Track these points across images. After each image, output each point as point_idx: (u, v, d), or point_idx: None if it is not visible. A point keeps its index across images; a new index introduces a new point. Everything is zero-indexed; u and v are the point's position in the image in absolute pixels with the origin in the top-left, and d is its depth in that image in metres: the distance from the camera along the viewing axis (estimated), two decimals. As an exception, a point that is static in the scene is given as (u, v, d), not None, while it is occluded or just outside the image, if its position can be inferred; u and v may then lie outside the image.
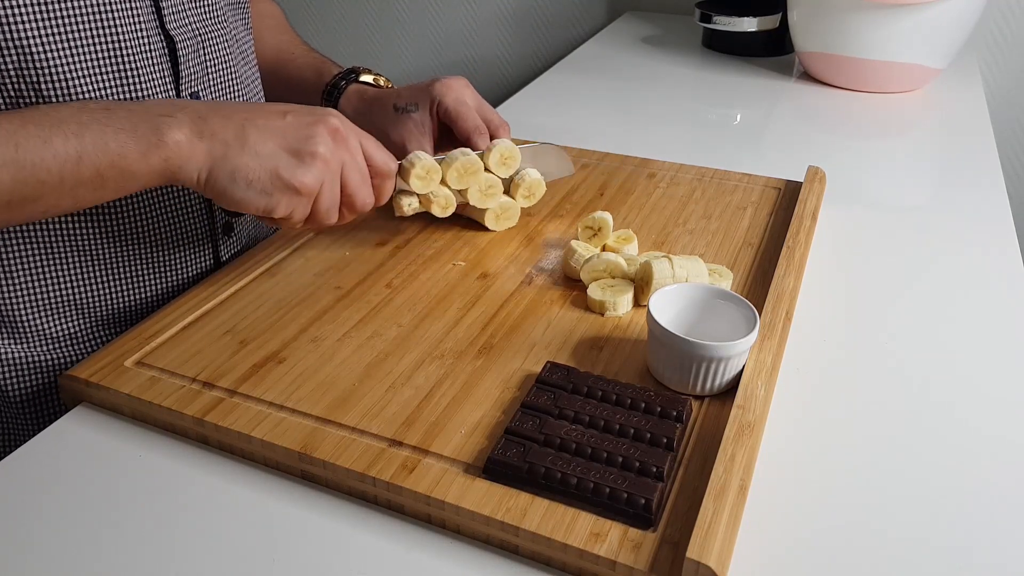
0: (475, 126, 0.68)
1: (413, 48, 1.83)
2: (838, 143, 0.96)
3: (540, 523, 0.41)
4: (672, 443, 0.45)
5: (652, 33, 1.43)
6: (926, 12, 1.02)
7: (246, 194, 0.53)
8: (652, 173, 0.82)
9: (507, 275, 0.64)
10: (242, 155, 0.52)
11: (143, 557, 0.42)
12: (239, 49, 0.70)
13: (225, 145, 0.52)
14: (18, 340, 0.63)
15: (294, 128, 0.54)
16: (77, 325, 0.65)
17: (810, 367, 0.56)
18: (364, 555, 0.42)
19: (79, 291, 0.63)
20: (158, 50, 0.61)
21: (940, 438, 0.50)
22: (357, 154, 0.57)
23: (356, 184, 0.57)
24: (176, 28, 0.62)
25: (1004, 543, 0.43)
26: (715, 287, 0.54)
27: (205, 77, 0.66)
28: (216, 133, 0.52)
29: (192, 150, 0.52)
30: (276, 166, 0.53)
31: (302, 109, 0.56)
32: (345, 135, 0.56)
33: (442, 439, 0.47)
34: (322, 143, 0.54)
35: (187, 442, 0.50)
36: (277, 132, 0.54)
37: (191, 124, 0.52)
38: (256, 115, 0.54)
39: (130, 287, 0.66)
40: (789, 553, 0.42)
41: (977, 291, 0.65)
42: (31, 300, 0.62)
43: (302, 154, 0.54)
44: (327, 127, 0.55)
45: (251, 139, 0.53)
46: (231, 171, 0.52)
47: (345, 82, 0.77)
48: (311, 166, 0.54)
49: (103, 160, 0.50)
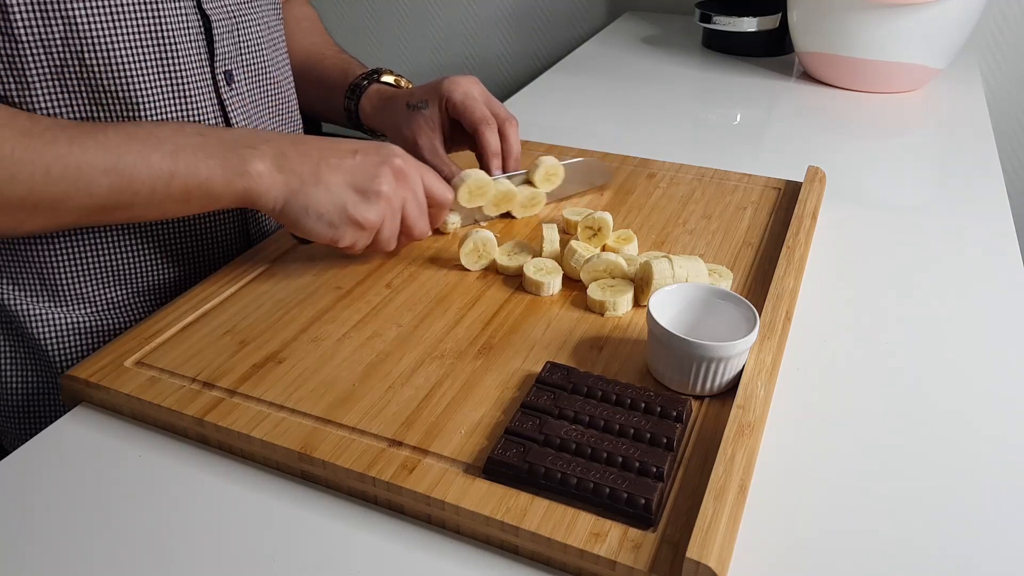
0: (482, 116, 0.71)
1: (413, 48, 1.83)
2: (838, 143, 0.96)
3: (540, 523, 0.41)
4: (672, 443, 0.45)
5: (652, 33, 1.43)
6: (926, 12, 1.02)
7: (316, 225, 0.58)
8: (652, 173, 0.82)
9: (507, 275, 0.64)
10: (316, 191, 0.57)
11: (143, 557, 0.42)
12: (270, 35, 0.74)
13: (301, 180, 0.57)
14: (60, 304, 0.66)
15: (362, 168, 0.59)
16: (117, 293, 0.68)
17: (810, 367, 0.56)
18: (364, 555, 0.42)
19: (119, 260, 0.67)
20: (194, 27, 0.65)
21: (939, 438, 0.50)
22: (418, 189, 0.62)
23: (414, 217, 0.62)
24: (212, 8, 0.66)
25: (1004, 543, 0.43)
26: (715, 287, 0.54)
27: (239, 57, 0.69)
28: (294, 169, 0.58)
29: (272, 181, 0.57)
30: (344, 203, 0.58)
31: (370, 148, 0.60)
32: (407, 174, 0.60)
33: (442, 439, 0.47)
34: (386, 183, 0.59)
35: (187, 442, 0.50)
36: (347, 171, 0.58)
37: (273, 158, 0.57)
38: (330, 153, 0.59)
39: (167, 260, 0.69)
40: (789, 553, 0.42)
41: (977, 291, 0.65)
42: (74, 267, 0.65)
43: (368, 193, 0.58)
44: (392, 168, 0.59)
45: (324, 176, 0.58)
46: (304, 204, 0.57)
47: (367, 82, 0.81)
48: (375, 204, 0.58)
49: (192, 181, 0.55)
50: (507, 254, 0.65)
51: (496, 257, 0.64)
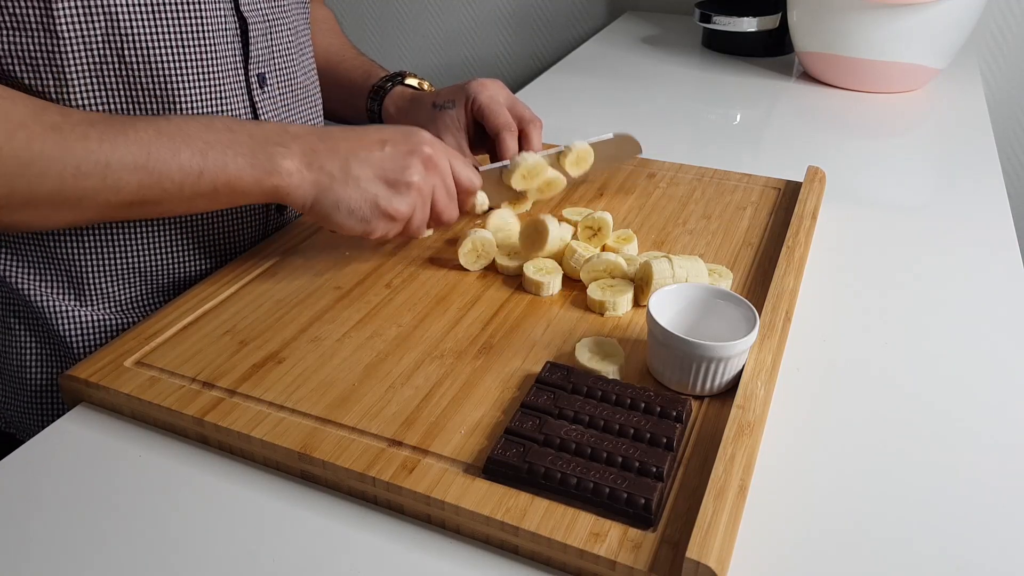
0: (505, 123, 0.72)
1: (413, 48, 1.83)
2: (838, 143, 0.96)
3: (540, 523, 0.41)
4: (672, 443, 0.45)
5: (652, 33, 1.43)
6: (926, 12, 1.02)
7: (347, 220, 0.58)
8: (652, 173, 0.82)
9: (507, 275, 0.64)
10: (346, 187, 0.57)
11: (143, 557, 0.42)
12: (297, 39, 0.74)
13: (331, 178, 0.57)
14: (85, 302, 0.66)
15: (392, 159, 0.59)
16: (139, 291, 0.68)
17: (810, 367, 0.56)
18: (364, 555, 0.42)
19: (143, 258, 0.67)
20: (231, 29, 0.65)
21: (939, 437, 0.50)
22: (447, 177, 0.62)
23: (444, 203, 0.62)
24: (249, 11, 0.66)
25: (1004, 543, 0.43)
26: (715, 287, 0.54)
27: (271, 60, 0.70)
28: (324, 166, 0.57)
29: (301, 179, 0.57)
30: (376, 196, 0.58)
31: (399, 137, 0.60)
32: (437, 161, 0.61)
33: (442, 439, 0.47)
34: (416, 173, 0.59)
35: (186, 442, 0.50)
36: (376, 164, 0.58)
37: (302, 156, 0.57)
38: (358, 147, 0.59)
39: (190, 257, 0.69)
40: (789, 553, 0.42)
41: (977, 291, 0.65)
42: (101, 265, 0.66)
43: (399, 184, 0.58)
44: (421, 157, 0.59)
45: (353, 171, 0.58)
46: (335, 201, 0.57)
47: (391, 84, 0.82)
48: (406, 195, 0.59)
49: (221, 178, 0.55)
50: (507, 254, 0.65)
51: (496, 257, 0.64)
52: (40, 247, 0.64)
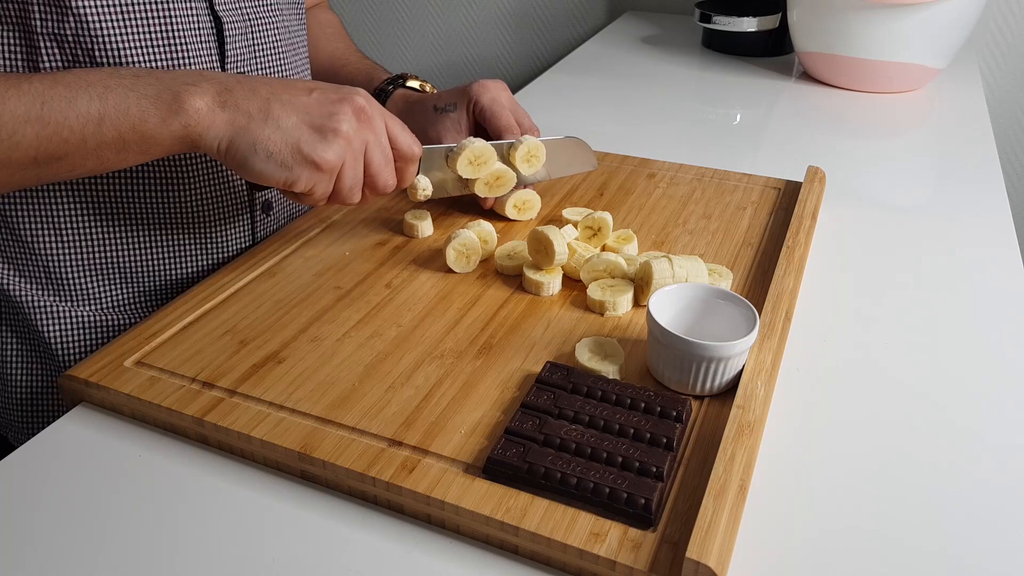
0: (507, 125, 0.71)
1: (413, 48, 1.83)
2: (838, 143, 0.96)
3: (540, 523, 0.41)
4: (672, 443, 0.45)
5: (652, 33, 1.43)
6: (926, 12, 1.02)
7: (266, 166, 0.54)
8: (652, 173, 0.82)
9: (507, 275, 0.64)
10: (264, 128, 0.53)
11: (142, 557, 0.42)
12: (290, 40, 0.73)
13: (248, 117, 0.53)
14: (64, 299, 0.66)
15: (319, 104, 0.55)
16: (123, 292, 0.67)
17: (810, 367, 0.56)
18: (364, 555, 0.42)
19: (124, 258, 0.66)
20: (206, 29, 0.64)
21: (939, 438, 0.50)
22: (381, 135, 0.58)
23: (379, 165, 0.58)
24: (224, 10, 0.65)
25: (1004, 543, 0.43)
26: (715, 287, 0.54)
27: (253, 60, 0.69)
28: (239, 104, 0.53)
29: (213, 119, 0.53)
30: (298, 140, 0.54)
31: (329, 87, 0.57)
32: (370, 115, 0.57)
33: (442, 439, 0.47)
34: (345, 121, 0.55)
35: (186, 442, 0.50)
36: (301, 107, 0.54)
37: (215, 94, 0.53)
38: (282, 90, 0.55)
39: (172, 259, 0.68)
40: (789, 553, 0.42)
41: (977, 290, 0.65)
42: (79, 263, 0.65)
43: (325, 130, 0.54)
44: (352, 105, 0.56)
45: (275, 112, 0.54)
46: (252, 142, 0.53)
47: (393, 86, 0.81)
48: (333, 143, 0.55)
49: (124, 123, 0.51)
50: (507, 254, 0.65)
51: (496, 257, 0.64)
52: (19, 240, 0.64)
